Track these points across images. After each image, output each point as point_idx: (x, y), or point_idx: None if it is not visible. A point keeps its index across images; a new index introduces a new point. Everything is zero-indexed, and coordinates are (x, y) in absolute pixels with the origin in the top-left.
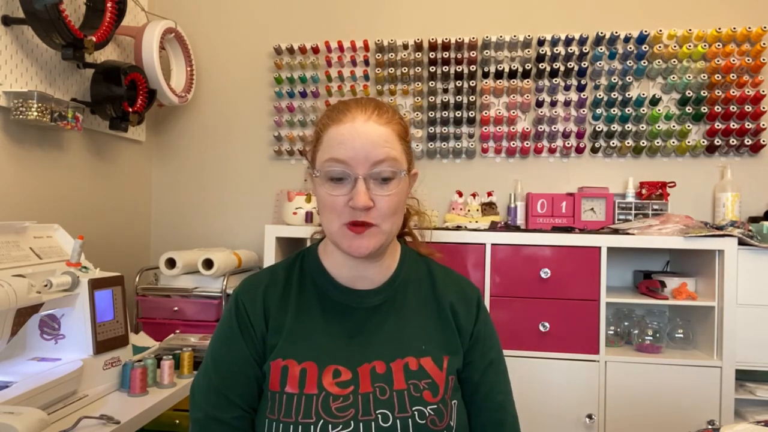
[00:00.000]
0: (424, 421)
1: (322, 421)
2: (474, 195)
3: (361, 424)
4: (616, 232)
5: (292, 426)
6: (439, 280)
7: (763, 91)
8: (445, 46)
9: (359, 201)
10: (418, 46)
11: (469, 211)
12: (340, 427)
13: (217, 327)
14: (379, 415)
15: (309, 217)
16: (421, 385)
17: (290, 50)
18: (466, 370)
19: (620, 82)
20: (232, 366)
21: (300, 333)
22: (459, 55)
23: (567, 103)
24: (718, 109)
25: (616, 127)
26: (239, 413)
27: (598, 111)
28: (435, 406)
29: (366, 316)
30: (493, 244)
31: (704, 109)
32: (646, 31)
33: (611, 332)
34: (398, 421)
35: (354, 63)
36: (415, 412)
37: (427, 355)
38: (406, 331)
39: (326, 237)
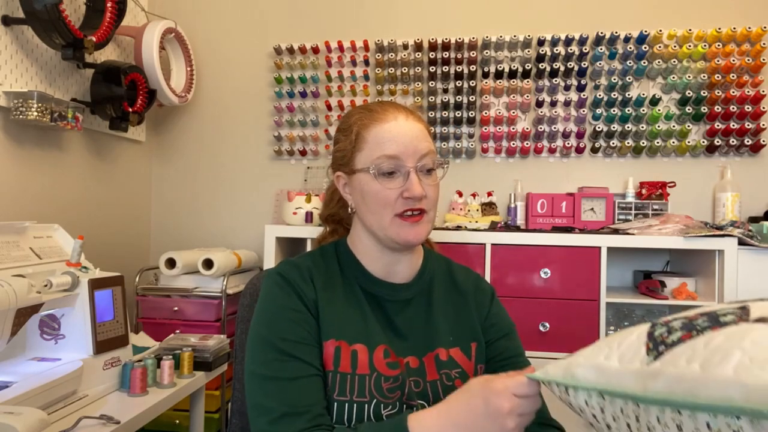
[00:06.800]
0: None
1: (375, 400)
2: (474, 195)
3: (404, 407)
4: (616, 232)
5: (347, 404)
6: (459, 275)
7: (763, 91)
8: (445, 46)
9: (416, 190)
10: (418, 46)
11: (469, 211)
12: (390, 407)
13: (262, 308)
14: (419, 404)
15: (309, 217)
16: (452, 374)
17: (290, 50)
18: (488, 352)
19: (620, 82)
20: (299, 328)
21: (346, 317)
22: (459, 55)
23: (567, 103)
24: (718, 109)
25: (616, 127)
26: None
27: (598, 111)
28: None
29: (398, 309)
30: (493, 244)
31: (704, 109)
32: (646, 31)
33: (611, 332)
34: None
35: (354, 63)
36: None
37: (456, 346)
38: (436, 325)
39: (355, 234)
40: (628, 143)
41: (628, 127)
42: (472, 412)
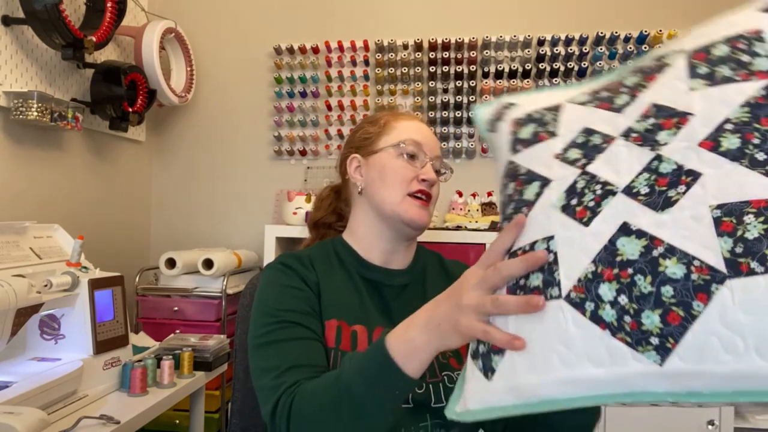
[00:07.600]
0: (452, 385)
1: None
2: (474, 195)
3: None
4: None
5: None
6: (450, 267)
7: None
8: (445, 46)
9: (431, 175)
10: (418, 46)
11: (469, 211)
12: None
13: (262, 292)
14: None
15: (309, 217)
16: (447, 353)
17: (290, 50)
18: None
19: None
20: (300, 302)
21: (345, 300)
22: (459, 55)
23: None
24: None
25: None
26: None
27: None
28: (461, 371)
29: (395, 294)
30: None
31: None
32: (646, 31)
33: None
34: (430, 386)
35: (354, 63)
36: (445, 377)
37: None
38: None
39: (355, 221)
40: None
41: None
42: (437, 305)
